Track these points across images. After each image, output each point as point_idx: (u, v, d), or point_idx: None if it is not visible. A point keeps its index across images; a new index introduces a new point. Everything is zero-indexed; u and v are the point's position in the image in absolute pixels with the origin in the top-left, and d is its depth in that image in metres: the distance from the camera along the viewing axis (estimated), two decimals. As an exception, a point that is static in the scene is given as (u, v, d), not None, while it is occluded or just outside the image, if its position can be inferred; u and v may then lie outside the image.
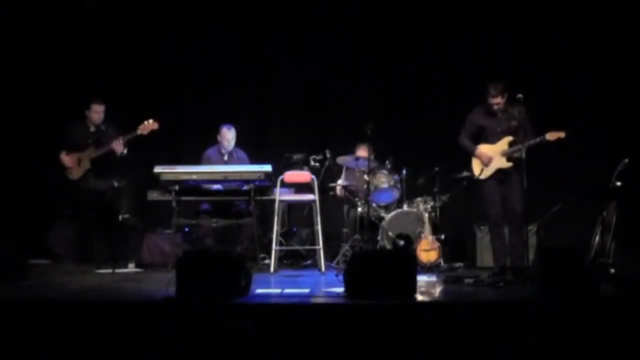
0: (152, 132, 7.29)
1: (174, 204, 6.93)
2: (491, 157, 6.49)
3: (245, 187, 7.00)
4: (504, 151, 6.47)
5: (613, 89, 7.91)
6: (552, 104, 7.83)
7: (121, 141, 7.23)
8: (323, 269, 6.85)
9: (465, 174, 6.98)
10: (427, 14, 8.17)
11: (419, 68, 8.31)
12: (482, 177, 6.54)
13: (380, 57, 8.34)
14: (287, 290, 5.65)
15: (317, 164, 7.57)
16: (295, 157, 7.60)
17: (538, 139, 6.32)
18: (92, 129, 7.45)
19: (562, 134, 6.31)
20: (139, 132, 7.25)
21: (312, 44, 8.38)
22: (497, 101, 6.46)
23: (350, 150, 7.57)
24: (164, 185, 6.96)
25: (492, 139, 6.55)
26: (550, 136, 6.31)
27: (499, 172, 6.50)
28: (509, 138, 6.47)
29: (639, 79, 7.79)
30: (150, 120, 7.27)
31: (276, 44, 8.42)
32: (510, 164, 6.45)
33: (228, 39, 8.38)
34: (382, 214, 7.49)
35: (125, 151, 7.27)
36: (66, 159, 7.40)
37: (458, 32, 8.10)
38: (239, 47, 8.39)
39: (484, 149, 6.56)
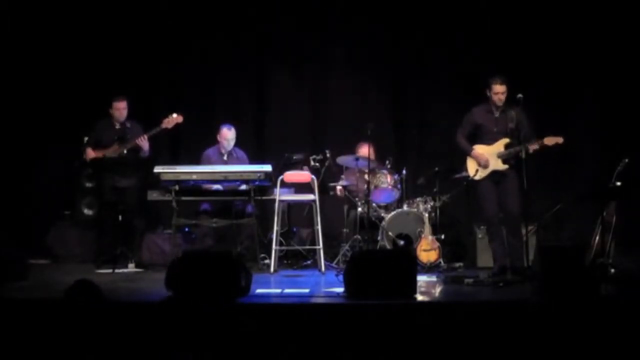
0: (177, 125, 7.22)
1: (173, 204, 6.92)
2: (487, 158, 6.43)
3: (245, 187, 7.00)
4: (500, 153, 6.41)
5: (613, 88, 7.90)
6: (552, 104, 7.84)
7: (146, 137, 7.15)
8: (323, 269, 6.84)
9: (465, 174, 6.97)
10: (427, 14, 8.16)
11: (419, 68, 8.30)
12: (477, 177, 6.48)
13: (380, 56, 8.33)
14: (287, 290, 5.66)
15: (317, 164, 7.56)
16: (295, 157, 7.58)
17: (536, 145, 6.28)
18: (117, 126, 7.31)
19: (560, 140, 6.30)
20: (163, 126, 7.17)
21: (312, 44, 8.37)
22: (502, 90, 6.34)
23: (350, 151, 7.56)
24: (164, 185, 6.96)
25: (488, 139, 6.47)
26: (548, 141, 6.29)
27: (495, 173, 6.45)
28: (506, 140, 6.41)
29: (639, 77, 7.79)
30: (175, 114, 7.19)
31: (276, 44, 8.41)
32: (506, 166, 6.40)
33: (228, 38, 8.37)
34: (382, 214, 7.48)
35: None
36: (92, 156, 7.27)
37: (458, 32, 8.10)
38: (239, 47, 8.38)
39: (480, 149, 6.47)
